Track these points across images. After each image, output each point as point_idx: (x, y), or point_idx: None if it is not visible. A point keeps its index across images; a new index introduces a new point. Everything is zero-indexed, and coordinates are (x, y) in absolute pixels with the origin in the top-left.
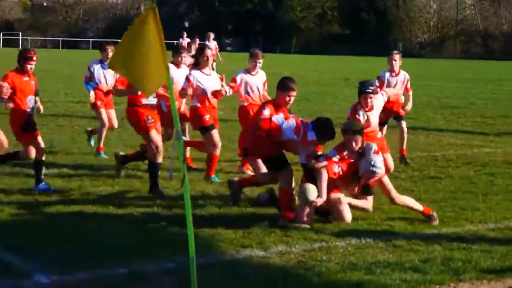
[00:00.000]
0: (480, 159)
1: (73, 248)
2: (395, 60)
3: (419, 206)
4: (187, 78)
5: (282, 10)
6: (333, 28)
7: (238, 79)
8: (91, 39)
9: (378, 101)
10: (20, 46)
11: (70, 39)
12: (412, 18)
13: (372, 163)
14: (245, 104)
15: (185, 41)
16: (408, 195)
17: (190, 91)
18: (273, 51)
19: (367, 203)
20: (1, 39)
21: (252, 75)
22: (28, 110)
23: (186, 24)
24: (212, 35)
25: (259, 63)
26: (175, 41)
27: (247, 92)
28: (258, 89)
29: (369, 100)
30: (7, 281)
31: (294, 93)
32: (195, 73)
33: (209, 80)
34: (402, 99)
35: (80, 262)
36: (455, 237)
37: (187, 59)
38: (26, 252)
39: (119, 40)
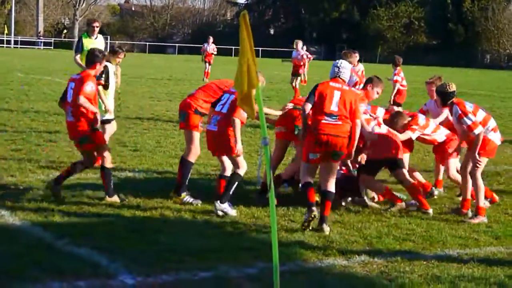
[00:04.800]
0: None
1: (158, 250)
2: None
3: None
4: None
5: (368, 19)
6: (420, 38)
7: None
8: (177, 44)
9: None
10: (109, 50)
11: (156, 43)
12: (501, 29)
13: None
14: None
15: (210, 46)
16: (493, 209)
17: None
18: (358, 60)
19: None
20: None
21: None
22: None
23: (272, 32)
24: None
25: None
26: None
27: None
28: None
29: None
30: (95, 281)
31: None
32: None
33: None
34: None
35: (164, 264)
36: None
37: None
38: (112, 253)
39: (201, 45)
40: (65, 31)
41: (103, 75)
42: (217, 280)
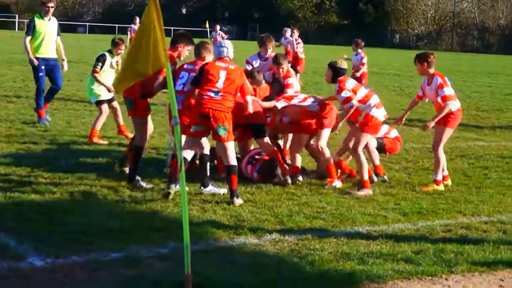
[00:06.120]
0: (474, 152)
1: (68, 231)
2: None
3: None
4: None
5: None
6: (331, 18)
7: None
8: (87, 23)
9: None
10: (17, 29)
11: (66, 22)
12: (410, 9)
13: None
14: None
15: (137, 26)
16: (401, 187)
17: None
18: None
19: None
20: None
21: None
22: None
23: (184, 11)
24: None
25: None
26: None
27: None
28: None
29: None
30: (2, 263)
31: None
32: None
33: None
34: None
35: (74, 245)
36: (448, 229)
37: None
38: (21, 235)
39: (115, 25)
40: None
41: (100, 64)
42: (128, 260)
